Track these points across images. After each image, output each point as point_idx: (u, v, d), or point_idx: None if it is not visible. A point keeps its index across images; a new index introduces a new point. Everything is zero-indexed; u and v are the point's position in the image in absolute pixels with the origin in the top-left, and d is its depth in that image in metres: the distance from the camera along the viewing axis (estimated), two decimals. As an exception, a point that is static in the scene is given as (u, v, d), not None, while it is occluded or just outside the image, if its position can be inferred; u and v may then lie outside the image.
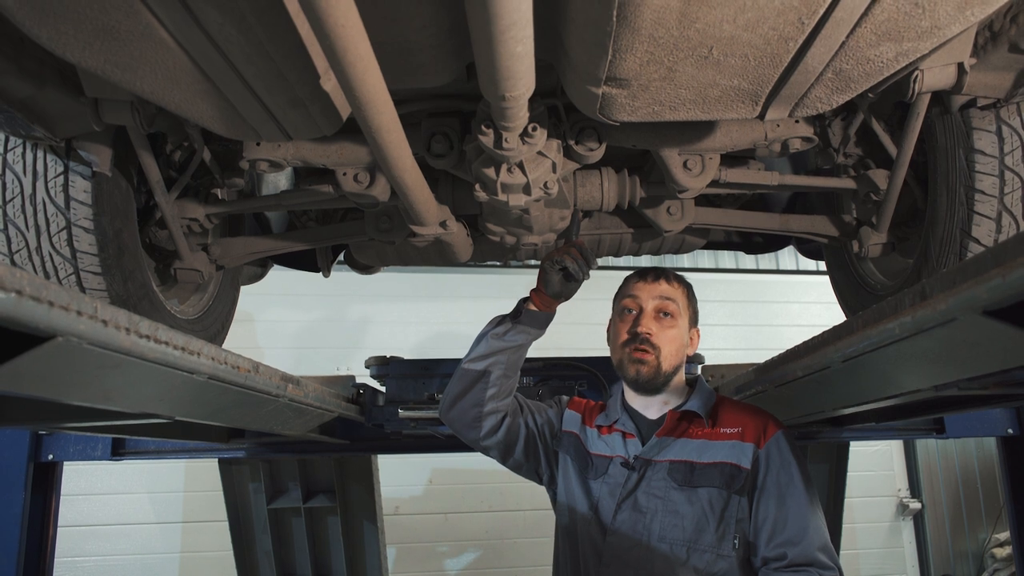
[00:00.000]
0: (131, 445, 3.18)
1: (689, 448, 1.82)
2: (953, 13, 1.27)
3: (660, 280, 1.90)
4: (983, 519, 7.15)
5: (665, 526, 1.76)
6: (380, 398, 2.88)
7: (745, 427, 1.83)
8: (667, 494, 1.78)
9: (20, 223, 1.99)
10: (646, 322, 1.84)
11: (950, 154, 2.02)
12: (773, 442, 1.80)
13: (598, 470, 1.89)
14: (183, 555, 6.02)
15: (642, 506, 1.79)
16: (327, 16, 0.96)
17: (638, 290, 1.89)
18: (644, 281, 1.90)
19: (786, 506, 1.75)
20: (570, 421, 2.02)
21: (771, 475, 1.77)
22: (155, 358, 1.05)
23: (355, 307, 6.73)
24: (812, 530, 1.74)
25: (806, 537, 1.72)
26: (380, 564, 3.63)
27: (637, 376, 1.83)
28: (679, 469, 1.80)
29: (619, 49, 1.28)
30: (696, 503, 1.76)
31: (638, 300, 1.88)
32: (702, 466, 1.79)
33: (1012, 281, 0.84)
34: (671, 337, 1.85)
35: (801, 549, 1.71)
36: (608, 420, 1.95)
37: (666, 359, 1.84)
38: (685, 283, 1.95)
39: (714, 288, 7.42)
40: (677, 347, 1.86)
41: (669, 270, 1.95)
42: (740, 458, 1.78)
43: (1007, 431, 3.27)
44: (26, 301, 0.76)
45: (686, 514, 1.76)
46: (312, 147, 2.02)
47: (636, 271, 1.97)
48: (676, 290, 1.90)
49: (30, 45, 1.56)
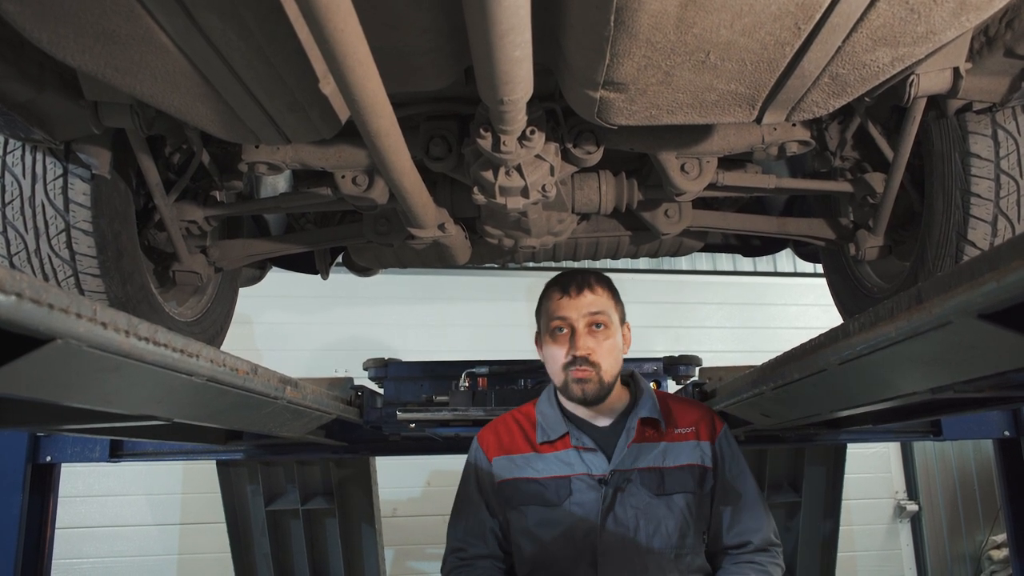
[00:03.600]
0: (129, 447, 3.17)
1: (653, 454, 1.84)
2: (948, 18, 1.28)
3: (584, 292, 1.86)
4: (980, 521, 7.15)
5: (650, 536, 1.78)
6: (378, 400, 2.88)
7: (697, 425, 1.90)
8: (645, 504, 1.79)
9: (19, 225, 1.99)
10: (582, 342, 1.82)
11: (946, 158, 2.03)
12: (723, 436, 1.92)
13: (560, 493, 1.83)
14: (181, 557, 6.01)
15: (623, 520, 1.78)
16: (326, 21, 0.97)
17: (564, 308, 1.85)
18: (568, 296, 1.86)
19: (742, 496, 1.87)
20: (501, 467, 1.93)
21: (727, 469, 1.88)
22: (154, 360, 1.05)
23: (353, 309, 6.73)
24: (767, 516, 1.89)
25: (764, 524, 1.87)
26: (378, 566, 3.62)
27: (584, 396, 1.83)
28: (650, 477, 1.81)
29: (616, 54, 1.29)
30: (675, 509, 1.80)
31: (568, 320, 1.84)
32: (670, 470, 1.83)
33: (1007, 285, 0.84)
34: (608, 348, 1.85)
35: (763, 535, 1.86)
36: (554, 435, 1.89)
37: (607, 372, 1.84)
38: (607, 283, 1.92)
39: (712, 290, 7.43)
40: (615, 356, 1.87)
41: (589, 273, 1.91)
42: (703, 458, 1.87)
43: (1003, 433, 3.27)
44: (26, 304, 0.76)
45: (668, 521, 1.79)
46: (311, 150, 2.02)
47: (556, 282, 1.92)
48: (601, 297, 1.87)
49: (30, 49, 1.56)
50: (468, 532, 1.94)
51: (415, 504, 6.39)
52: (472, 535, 1.93)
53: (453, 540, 1.96)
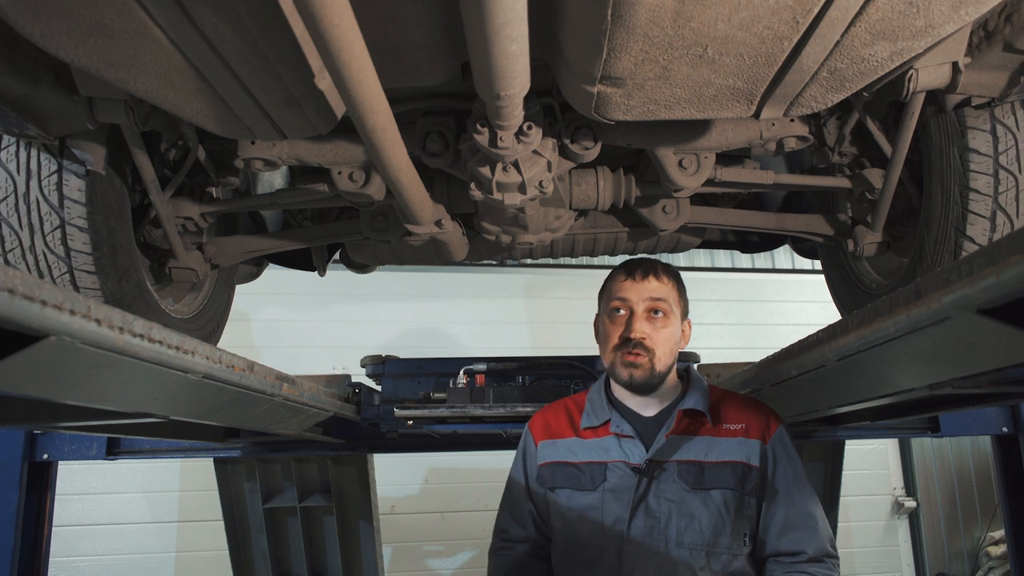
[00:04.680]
0: (126, 444, 3.17)
1: (696, 447, 1.78)
2: (947, 12, 1.27)
3: (649, 277, 1.83)
4: (978, 517, 7.16)
5: (682, 531, 1.73)
6: (376, 397, 2.88)
7: (748, 423, 1.81)
8: (680, 497, 1.74)
9: (14, 222, 1.98)
10: (638, 325, 1.79)
11: (945, 153, 2.03)
12: (777, 437, 1.81)
13: (595, 478, 1.82)
14: (179, 555, 6.01)
15: (655, 511, 1.75)
16: (321, 15, 0.96)
17: (627, 290, 1.83)
18: (632, 280, 1.83)
19: (795, 502, 1.76)
20: (544, 452, 1.93)
21: (779, 471, 1.78)
22: (149, 357, 1.04)
23: (351, 306, 6.72)
24: (822, 524, 1.77)
25: (820, 532, 1.76)
26: (376, 563, 3.62)
27: (631, 380, 1.80)
28: (688, 470, 1.76)
29: (614, 48, 1.28)
30: (711, 505, 1.73)
31: (628, 302, 1.82)
32: (711, 465, 1.76)
33: (1006, 280, 0.84)
34: (664, 337, 1.81)
35: (818, 544, 1.74)
36: (597, 421, 1.88)
37: (660, 360, 1.79)
38: (674, 275, 1.89)
39: (710, 287, 7.43)
40: (671, 346, 1.83)
41: (657, 263, 1.89)
42: (749, 456, 1.77)
43: (1002, 429, 3.27)
44: (19, 300, 0.75)
45: (702, 517, 1.73)
46: (307, 146, 2.02)
47: (623, 266, 1.89)
48: (666, 286, 1.84)
49: (24, 43, 1.55)
50: (512, 515, 1.97)
51: (413, 501, 6.39)
52: (516, 518, 1.96)
53: (500, 521, 2.00)
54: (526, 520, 1.94)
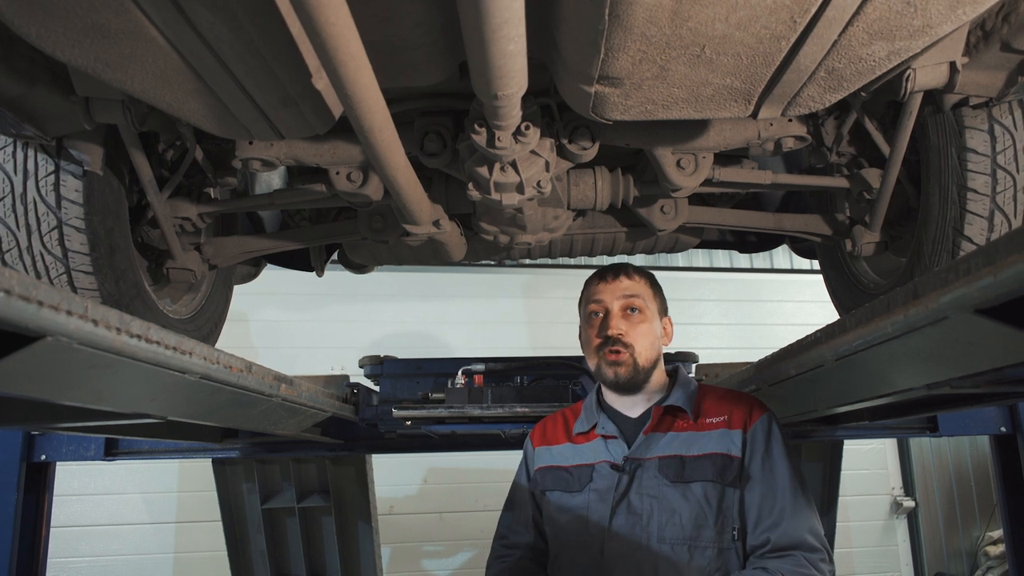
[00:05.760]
0: (124, 445, 3.16)
1: (676, 442, 1.79)
2: (945, 12, 1.27)
3: (620, 277, 1.89)
4: (976, 517, 7.17)
5: (663, 525, 1.73)
6: (374, 397, 2.88)
7: (731, 414, 1.80)
8: (660, 492, 1.75)
9: (11, 222, 1.98)
10: (615, 322, 1.84)
11: (943, 153, 2.03)
12: (758, 425, 1.77)
13: (581, 480, 1.85)
14: (177, 555, 6.00)
15: (636, 508, 1.75)
16: (318, 14, 0.96)
17: (600, 292, 1.89)
18: (604, 282, 1.90)
19: (769, 490, 1.72)
20: (540, 457, 1.99)
21: (755, 459, 1.75)
22: (146, 358, 1.04)
23: (349, 306, 6.72)
24: (795, 512, 1.69)
25: (788, 519, 1.68)
26: (375, 564, 3.62)
27: (616, 378, 1.83)
28: (669, 464, 1.76)
29: (612, 48, 1.28)
30: (691, 498, 1.72)
31: (603, 303, 1.87)
32: (692, 459, 1.75)
33: (1003, 280, 0.84)
34: (643, 332, 1.85)
35: (783, 531, 1.67)
36: (587, 425, 1.92)
37: (641, 355, 1.83)
38: (646, 274, 1.95)
39: (708, 287, 7.43)
40: (651, 341, 1.86)
41: (628, 265, 1.95)
42: (729, 446, 1.75)
43: (1000, 429, 3.27)
44: (15, 300, 0.75)
45: (683, 511, 1.72)
46: (305, 146, 2.01)
47: (595, 272, 1.95)
48: (638, 284, 1.90)
49: (20, 43, 1.55)
50: (512, 520, 2.00)
51: (412, 502, 6.38)
52: (515, 523, 1.99)
53: (500, 526, 2.03)
54: (528, 525, 1.97)
